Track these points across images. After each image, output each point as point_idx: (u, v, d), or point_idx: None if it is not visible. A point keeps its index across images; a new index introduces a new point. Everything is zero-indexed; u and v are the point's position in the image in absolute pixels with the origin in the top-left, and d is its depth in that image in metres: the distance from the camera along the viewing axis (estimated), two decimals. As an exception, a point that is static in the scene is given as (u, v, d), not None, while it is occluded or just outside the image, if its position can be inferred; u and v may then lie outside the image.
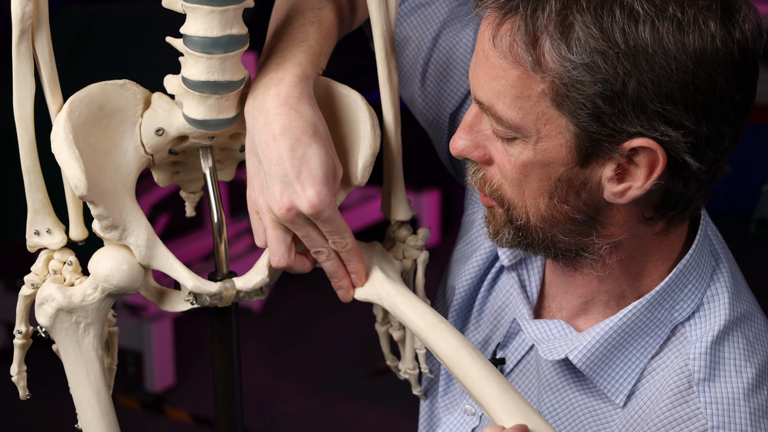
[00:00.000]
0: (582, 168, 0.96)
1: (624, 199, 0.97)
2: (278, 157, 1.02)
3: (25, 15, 0.98)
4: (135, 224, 1.04)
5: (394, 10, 1.09)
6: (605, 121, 0.92)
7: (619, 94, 0.91)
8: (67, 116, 1.00)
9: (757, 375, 1.02)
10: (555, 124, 0.95)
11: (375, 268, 1.10)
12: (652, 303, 1.04)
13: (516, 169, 0.99)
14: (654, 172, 0.95)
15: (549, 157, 0.96)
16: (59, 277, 1.06)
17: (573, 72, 0.91)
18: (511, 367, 1.16)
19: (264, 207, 1.04)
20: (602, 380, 1.05)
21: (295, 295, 4.10)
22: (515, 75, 0.94)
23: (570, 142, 0.95)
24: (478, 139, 1.01)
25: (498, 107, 0.96)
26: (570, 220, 1.00)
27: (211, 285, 1.07)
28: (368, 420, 3.32)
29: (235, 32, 0.99)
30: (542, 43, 0.92)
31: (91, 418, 1.06)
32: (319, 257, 1.07)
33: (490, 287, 1.22)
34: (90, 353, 1.05)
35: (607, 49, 0.90)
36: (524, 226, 1.02)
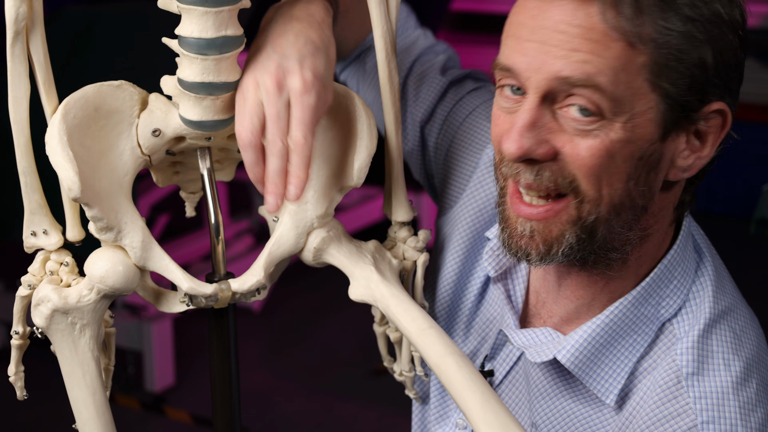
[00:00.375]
0: (661, 143, 0.98)
1: (691, 172, 1.01)
2: (285, 44, 1.01)
3: (18, 16, 0.98)
4: (130, 225, 1.04)
5: (395, 10, 1.09)
6: (696, 88, 0.96)
7: (705, 61, 0.95)
8: (61, 118, 1.00)
9: (745, 368, 1.02)
10: (647, 99, 0.95)
11: (371, 268, 1.09)
12: (638, 299, 1.04)
13: (599, 153, 0.96)
14: (721, 135, 1.00)
15: (637, 133, 0.96)
16: (56, 277, 1.06)
17: (674, 41, 0.94)
18: (500, 378, 1.16)
19: (250, 82, 1.01)
20: (591, 380, 1.05)
21: (295, 295, 4.11)
22: (619, 48, 0.94)
23: (657, 116, 0.96)
24: (542, 135, 0.97)
25: (599, 79, 0.94)
26: (633, 206, 1.00)
27: (206, 286, 1.07)
28: (368, 420, 3.32)
29: (230, 33, 0.99)
30: (646, 14, 0.93)
31: (87, 418, 1.06)
32: (272, 148, 1.01)
33: (478, 301, 1.20)
34: (86, 354, 1.05)
35: (698, 17, 0.94)
36: (593, 222, 0.99)
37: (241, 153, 1.02)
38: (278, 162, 1.01)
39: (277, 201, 1.02)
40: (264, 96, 1.00)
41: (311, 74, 1.00)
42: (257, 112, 1.00)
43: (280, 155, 1.01)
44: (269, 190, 1.02)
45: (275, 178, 1.02)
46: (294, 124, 1.01)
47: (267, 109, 1.01)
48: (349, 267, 1.10)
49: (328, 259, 1.11)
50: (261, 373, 3.59)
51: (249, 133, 1.00)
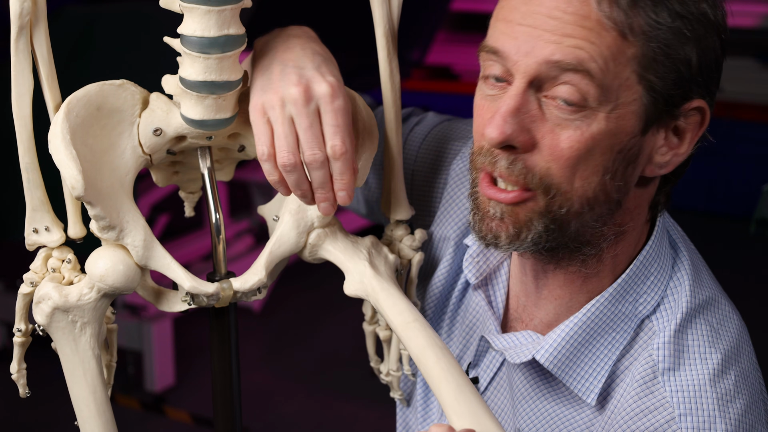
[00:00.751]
0: (641, 137, 0.98)
1: (667, 168, 1.01)
2: (296, 57, 1.02)
3: (23, 11, 0.98)
4: (132, 224, 1.05)
5: (397, 8, 1.09)
6: (681, 84, 0.97)
7: (691, 58, 0.96)
8: (64, 116, 1.00)
9: (723, 360, 1.01)
10: (632, 91, 0.96)
11: (365, 263, 1.09)
12: (615, 297, 1.04)
13: (580, 143, 0.95)
14: (699, 132, 1.01)
15: (620, 125, 0.96)
16: (58, 275, 1.06)
17: (663, 36, 0.95)
18: (485, 385, 1.15)
19: (275, 99, 1.01)
20: (572, 379, 1.04)
21: (295, 295, 4.11)
22: (611, 38, 0.94)
23: (641, 109, 0.96)
24: (525, 122, 0.96)
25: (591, 65, 0.94)
26: (608, 201, 0.99)
27: (208, 285, 1.07)
28: (368, 420, 3.32)
29: (233, 32, 0.99)
30: (639, 7, 0.94)
31: (87, 416, 1.06)
32: (312, 163, 1.01)
33: (456, 307, 1.20)
34: (86, 352, 1.05)
35: (687, 15, 0.95)
36: (564, 215, 0.98)
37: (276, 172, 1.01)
38: (322, 173, 1.02)
39: (332, 204, 1.04)
40: (293, 109, 1.00)
41: (334, 78, 1.01)
42: (291, 131, 1.00)
43: (323, 166, 1.01)
44: (320, 198, 1.03)
45: (325, 187, 1.03)
46: (330, 131, 1.01)
47: (299, 121, 1.00)
48: (344, 262, 1.10)
49: (324, 254, 1.12)
50: (261, 373, 3.59)
51: (289, 155, 1.00)
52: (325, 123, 1.01)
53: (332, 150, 1.00)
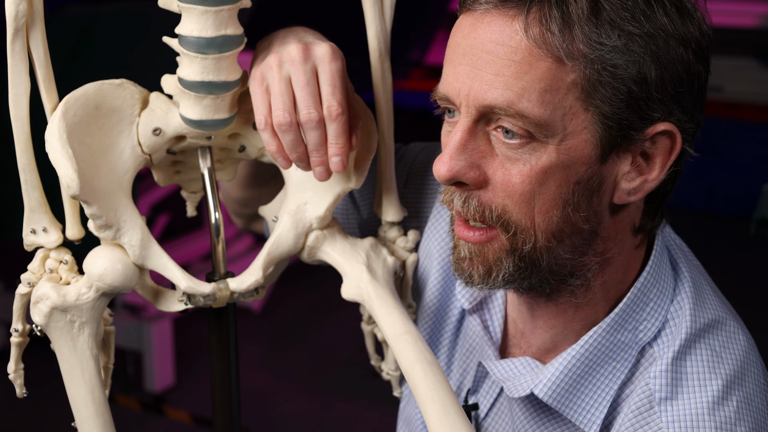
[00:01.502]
0: (601, 165, 0.93)
1: (638, 195, 0.96)
2: (295, 33, 1.03)
3: (18, 13, 0.98)
4: (129, 224, 1.04)
5: (390, 10, 1.09)
6: (635, 106, 0.91)
7: (646, 77, 0.91)
8: (61, 115, 1.00)
9: (725, 386, 0.98)
10: (581, 119, 0.91)
11: (363, 267, 1.09)
12: (613, 326, 1.01)
13: (531, 178, 0.92)
14: (670, 158, 0.95)
15: (572, 156, 0.92)
16: (55, 275, 1.06)
17: (608, 56, 0.89)
18: (485, 412, 1.13)
19: (272, 61, 1.00)
20: (572, 412, 1.02)
21: (295, 295, 4.11)
22: (545, 67, 0.90)
23: (594, 136, 0.92)
24: (473, 158, 0.94)
25: (522, 104, 0.90)
26: (578, 232, 0.96)
27: (204, 286, 1.07)
28: (368, 420, 3.32)
29: (230, 32, 0.99)
30: (575, 28, 0.89)
31: (85, 416, 1.06)
32: (307, 122, 0.99)
33: (455, 331, 1.18)
34: (85, 352, 1.05)
35: (635, 30, 0.90)
36: (530, 251, 0.95)
37: (274, 140, 1.01)
38: (318, 134, 1.00)
39: (326, 172, 1.02)
40: (291, 67, 0.99)
41: (333, 45, 1.01)
42: (287, 89, 0.99)
43: (319, 127, 1.00)
44: (315, 162, 1.02)
45: (318, 150, 1.01)
46: (327, 91, 0.99)
47: (296, 78, 0.99)
48: (342, 265, 1.10)
49: (322, 256, 1.12)
50: (261, 373, 3.59)
51: (285, 113, 0.99)
52: (322, 83, 1.00)
53: (328, 111, 0.99)
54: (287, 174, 1.12)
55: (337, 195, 1.09)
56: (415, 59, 4.74)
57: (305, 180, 1.11)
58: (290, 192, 1.12)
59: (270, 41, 1.05)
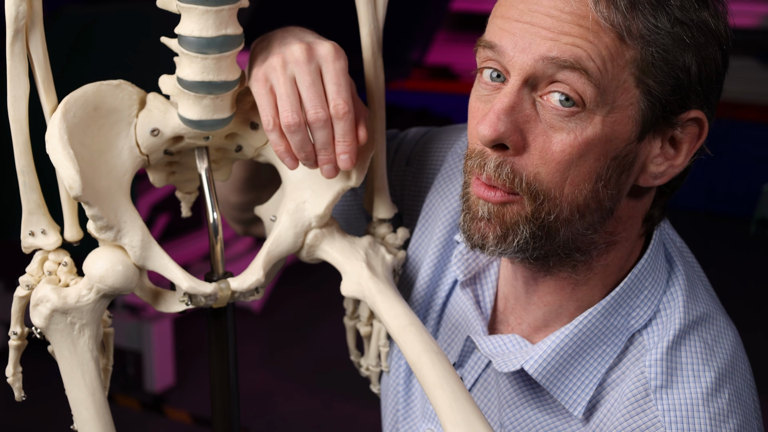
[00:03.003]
0: (638, 144, 0.96)
1: (662, 179, 0.99)
2: (294, 32, 1.03)
3: (18, 15, 0.98)
4: (130, 225, 1.04)
5: (383, 8, 1.09)
6: (679, 91, 0.95)
7: (690, 67, 0.94)
8: (61, 117, 1.00)
9: (717, 378, 0.99)
10: (630, 94, 0.94)
11: (362, 264, 1.09)
12: (608, 309, 1.02)
13: (573, 148, 0.93)
14: (696, 144, 0.98)
15: (615, 130, 0.94)
16: (54, 278, 1.06)
17: (663, 41, 0.93)
18: (469, 386, 1.14)
19: (276, 62, 1.01)
20: (559, 391, 1.03)
21: (295, 295, 4.11)
22: (610, 38, 0.92)
23: (638, 113, 0.95)
24: (518, 121, 0.94)
25: (589, 64, 0.92)
26: (600, 209, 0.98)
27: (205, 286, 1.07)
28: (368, 420, 3.32)
29: (230, 32, 0.99)
30: (638, 10, 0.92)
31: (86, 419, 1.05)
32: (315, 122, 1.00)
33: (443, 306, 1.18)
34: (85, 354, 1.05)
35: (687, 21, 0.93)
36: (552, 221, 0.96)
37: (283, 140, 1.01)
38: (325, 133, 1.01)
39: (334, 169, 1.03)
40: (295, 68, 1.00)
41: (335, 44, 1.01)
42: (293, 90, 1.00)
43: (326, 126, 1.00)
44: (323, 160, 1.02)
45: (326, 149, 1.02)
46: (333, 90, 1.00)
47: (302, 79, 1.00)
48: (341, 263, 1.10)
49: (321, 255, 1.12)
50: (261, 373, 3.59)
51: (293, 114, 1.00)
52: (327, 82, 1.00)
53: (335, 109, 1.00)
54: (285, 173, 1.12)
55: (337, 193, 1.09)
56: (415, 59, 4.73)
57: (304, 179, 1.11)
58: (288, 191, 1.12)
59: (268, 41, 1.05)
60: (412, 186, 1.25)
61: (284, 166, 1.10)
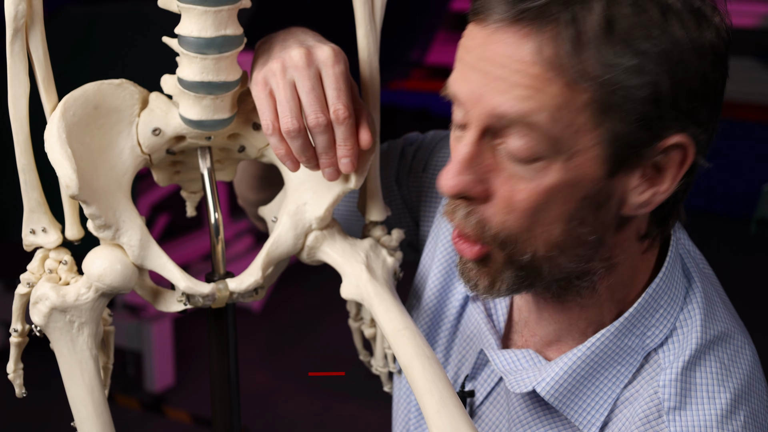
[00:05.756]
0: (608, 180, 0.91)
1: (648, 208, 0.94)
2: (296, 35, 1.02)
3: (18, 14, 0.98)
4: (128, 224, 1.04)
5: (380, 10, 1.09)
6: (648, 124, 0.89)
7: (661, 95, 0.88)
8: (60, 115, 1.01)
9: (733, 400, 0.97)
10: (591, 135, 0.89)
11: (362, 267, 1.09)
12: (622, 330, 1.00)
13: (536, 195, 0.90)
14: (682, 170, 0.92)
15: (580, 173, 0.90)
16: (54, 276, 1.06)
17: (621, 77, 0.86)
18: (481, 399, 1.12)
19: (275, 66, 1.00)
20: (573, 412, 1.01)
21: (295, 295, 4.11)
22: (557, 88, 0.87)
23: (603, 153, 0.89)
24: (480, 172, 0.92)
25: (534, 118, 0.88)
26: (582, 244, 0.94)
27: (203, 286, 1.07)
28: (368, 420, 3.32)
29: (230, 33, 0.99)
30: (589, 49, 0.86)
31: (85, 417, 1.06)
32: (315, 127, 1.00)
33: (456, 319, 1.17)
34: (84, 352, 1.05)
35: (650, 48, 0.87)
36: (530, 260, 0.94)
37: (283, 144, 1.01)
38: (326, 137, 1.01)
39: (335, 172, 1.03)
40: (295, 73, 0.99)
41: (335, 46, 1.01)
42: (293, 95, 1.00)
43: (327, 131, 1.00)
44: (324, 163, 1.02)
45: (327, 153, 1.02)
46: (333, 95, 1.00)
47: (301, 84, 0.99)
48: (341, 265, 1.10)
49: (322, 256, 1.12)
50: (261, 373, 3.59)
51: (293, 119, 0.99)
52: (327, 86, 1.00)
53: (335, 114, 1.00)
54: (287, 175, 1.12)
55: (337, 196, 1.09)
56: (415, 59, 4.74)
57: (305, 180, 1.11)
58: (290, 192, 1.12)
59: (270, 44, 1.04)
60: (428, 193, 1.24)
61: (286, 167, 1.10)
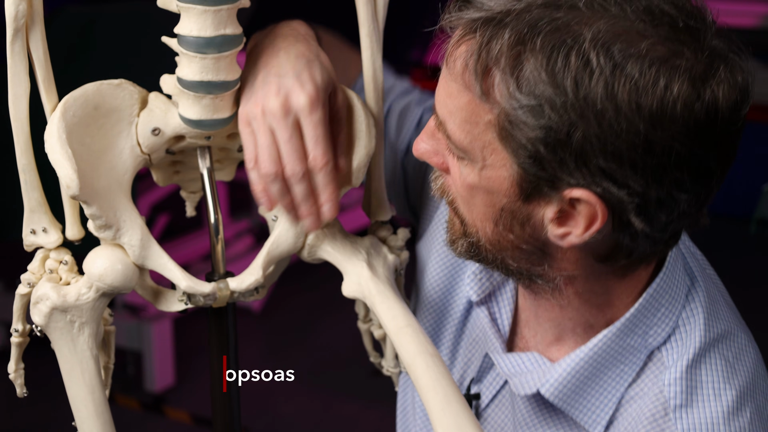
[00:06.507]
0: (525, 203, 0.93)
1: (565, 243, 0.93)
2: (278, 64, 1.02)
3: (18, 14, 0.98)
4: (129, 224, 1.05)
5: (383, 9, 1.09)
6: (545, 166, 0.88)
7: (561, 143, 0.86)
8: (61, 116, 1.01)
9: (738, 396, 0.98)
10: (500, 156, 0.91)
11: (363, 264, 1.09)
12: (623, 330, 1.00)
13: (463, 188, 0.97)
14: (593, 225, 0.90)
15: (492, 186, 0.93)
16: (55, 276, 1.07)
17: (518, 111, 0.87)
18: (487, 402, 1.13)
19: (256, 110, 1.01)
20: (578, 412, 1.02)
21: (295, 295, 4.11)
22: (466, 99, 0.91)
23: (513, 176, 0.91)
24: (438, 147, 0.99)
25: (449, 125, 0.94)
26: (517, 248, 0.96)
27: (204, 285, 1.07)
28: (368, 420, 3.32)
29: (229, 32, 0.99)
30: (493, 74, 0.88)
31: (85, 416, 1.06)
32: (292, 176, 1.02)
33: (462, 324, 1.18)
34: (85, 352, 1.06)
35: (555, 96, 0.85)
36: (477, 242, 0.99)
37: (263, 185, 1.03)
38: (303, 186, 1.02)
39: (316, 221, 1.05)
40: (273, 122, 1.00)
41: (312, 87, 1.00)
42: (272, 141, 1.01)
43: (304, 179, 1.02)
44: (303, 213, 1.04)
45: (306, 202, 1.03)
46: (310, 143, 1.01)
47: (279, 133, 1.01)
48: (342, 263, 1.10)
49: (322, 254, 1.12)
50: (261, 373, 3.59)
51: (271, 164, 1.01)
52: (305, 134, 1.01)
53: (313, 161, 1.01)
54: None
55: None
56: (415, 59, 4.73)
57: None
58: (290, 192, 1.12)
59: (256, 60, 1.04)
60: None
61: None
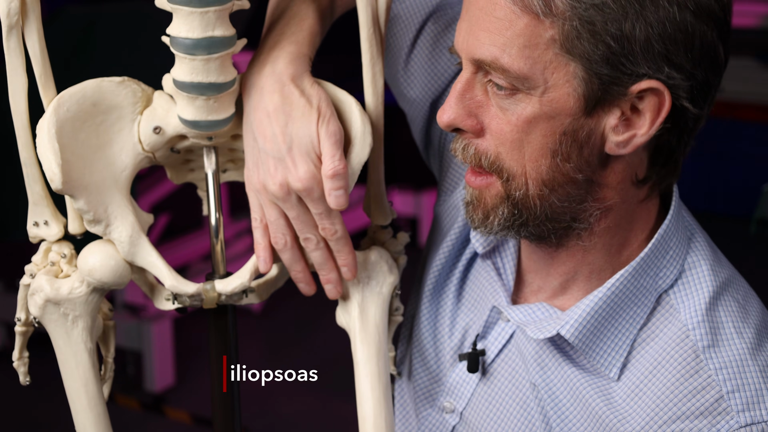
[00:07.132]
0: (587, 118, 0.96)
1: (628, 149, 0.98)
2: (272, 133, 1.03)
3: (11, 11, 0.98)
4: (120, 220, 1.05)
5: (384, 13, 1.08)
6: (616, 63, 0.93)
7: (628, 34, 0.92)
8: (53, 111, 1.01)
9: (757, 333, 1.02)
10: (563, 72, 0.94)
11: (355, 306, 1.12)
12: (638, 270, 1.03)
13: (518, 127, 0.97)
14: (660, 115, 0.96)
15: (555, 107, 0.95)
16: (55, 268, 1.07)
17: (585, 13, 0.91)
18: (493, 357, 1.14)
19: (260, 185, 1.05)
20: (594, 354, 1.04)
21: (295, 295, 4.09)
22: (523, 23, 0.93)
23: (578, 89, 0.95)
24: (471, 107, 0.99)
25: (504, 60, 0.94)
26: (570, 181, 0.99)
27: (189, 285, 1.08)
28: (368, 420, 3.31)
29: (218, 34, 0.99)
30: None
31: (79, 408, 1.07)
32: (308, 245, 1.07)
33: (462, 278, 1.20)
34: (78, 345, 1.06)
35: None
36: (522, 198, 1.00)
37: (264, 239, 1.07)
38: (321, 253, 1.07)
39: (337, 287, 1.09)
40: (277, 202, 1.04)
41: (304, 165, 1.02)
42: (280, 214, 1.05)
43: (319, 248, 1.07)
44: (324, 279, 1.08)
45: (325, 267, 1.08)
46: (318, 218, 1.05)
47: (287, 212, 1.05)
48: None
49: None
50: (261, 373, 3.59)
51: (282, 236, 1.06)
52: (311, 209, 1.05)
53: (323, 233, 1.06)
54: None
55: None
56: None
57: None
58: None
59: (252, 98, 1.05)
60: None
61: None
